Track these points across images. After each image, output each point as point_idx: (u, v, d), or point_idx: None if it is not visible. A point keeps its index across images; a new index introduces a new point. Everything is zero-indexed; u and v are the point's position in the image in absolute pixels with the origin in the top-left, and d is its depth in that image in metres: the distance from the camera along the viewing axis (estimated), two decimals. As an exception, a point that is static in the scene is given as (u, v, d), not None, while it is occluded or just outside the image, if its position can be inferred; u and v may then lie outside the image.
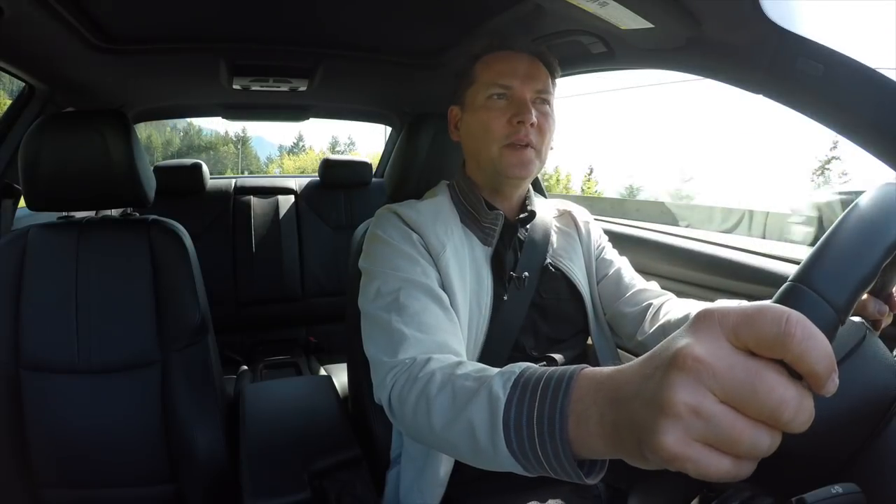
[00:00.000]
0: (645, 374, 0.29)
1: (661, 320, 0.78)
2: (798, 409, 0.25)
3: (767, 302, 0.27)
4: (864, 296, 0.48)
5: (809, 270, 0.31)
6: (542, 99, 0.75)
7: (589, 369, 0.36)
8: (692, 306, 0.77)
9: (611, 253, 0.91)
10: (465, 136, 0.80)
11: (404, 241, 0.72)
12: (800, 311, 0.27)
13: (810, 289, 0.30)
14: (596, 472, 0.37)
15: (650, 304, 0.82)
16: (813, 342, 0.25)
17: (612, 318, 0.87)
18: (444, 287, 0.70)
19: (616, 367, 0.33)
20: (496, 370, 0.45)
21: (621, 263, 0.90)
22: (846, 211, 0.34)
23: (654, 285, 0.87)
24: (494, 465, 0.43)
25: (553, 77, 0.78)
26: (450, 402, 0.48)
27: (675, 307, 0.79)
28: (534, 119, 0.71)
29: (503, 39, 0.78)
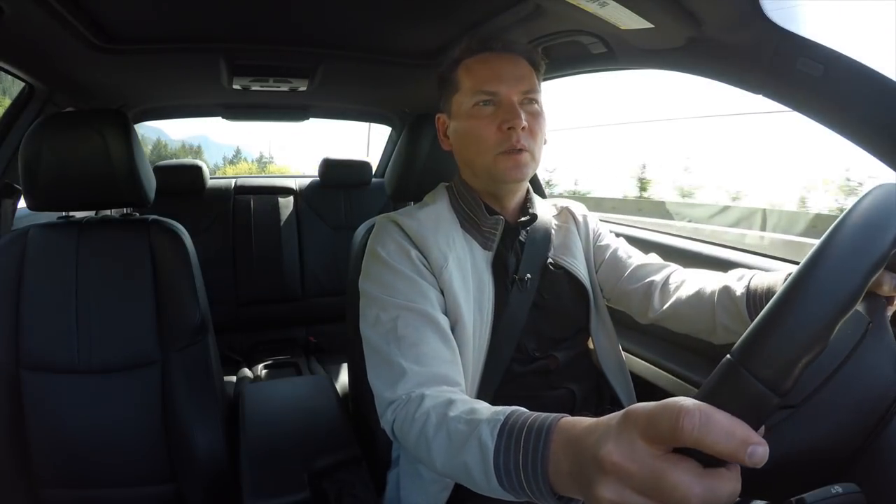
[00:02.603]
0: (586, 459, 0.34)
1: (671, 298, 0.78)
2: (710, 497, 0.28)
3: (672, 398, 0.29)
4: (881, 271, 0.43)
5: (744, 348, 0.30)
6: (530, 99, 0.73)
7: (563, 423, 0.40)
8: (699, 281, 0.75)
9: (608, 238, 0.90)
10: (457, 145, 0.78)
11: (403, 261, 0.71)
12: (731, 390, 0.29)
13: (744, 367, 0.29)
14: (576, 501, 0.41)
15: (652, 281, 0.81)
16: (706, 429, 0.28)
17: (618, 299, 0.86)
18: (446, 301, 0.71)
19: (582, 428, 0.37)
20: (484, 413, 0.50)
21: (618, 244, 0.89)
22: (793, 275, 0.32)
23: (653, 257, 0.86)
24: (490, 493, 0.48)
25: (538, 72, 0.77)
26: (446, 444, 0.52)
27: (682, 282, 0.78)
28: (524, 123, 0.70)
29: (482, 41, 0.76)
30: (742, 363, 0.29)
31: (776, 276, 0.67)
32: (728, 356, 0.30)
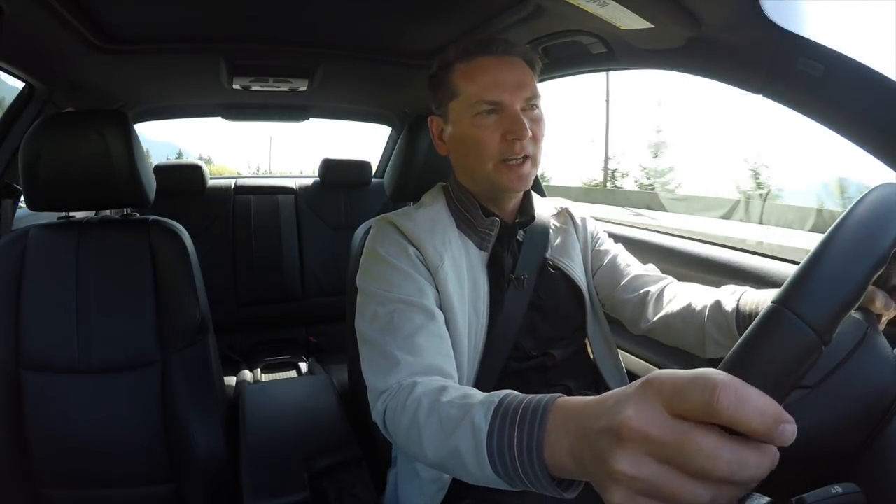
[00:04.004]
0: (599, 429, 0.32)
1: (664, 310, 0.78)
2: (736, 466, 0.26)
3: (701, 370, 0.28)
4: (871, 288, 0.47)
5: (790, 292, 0.31)
6: (533, 106, 0.73)
7: (562, 400, 0.39)
8: (692, 295, 0.76)
9: (607, 243, 0.90)
10: (455, 151, 0.78)
11: (401, 258, 0.72)
12: (780, 334, 0.28)
13: (791, 311, 0.29)
14: (574, 488, 0.39)
15: (648, 291, 0.81)
16: (742, 406, 0.26)
17: (613, 307, 0.86)
18: (441, 300, 0.71)
19: (586, 402, 0.36)
20: (478, 397, 0.48)
21: (618, 251, 0.89)
22: (832, 227, 0.34)
23: (651, 268, 0.86)
24: (483, 483, 0.46)
25: (535, 73, 0.76)
26: (437, 429, 0.50)
27: (676, 295, 0.78)
28: (529, 133, 0.70)
29: (479, 44, 0.74)
30: (787, 306, 0.29)
31: (767, 294, 0.67)
32: (771, 303, 0.31)
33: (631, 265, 0.87)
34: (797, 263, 0.32)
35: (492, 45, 0.73)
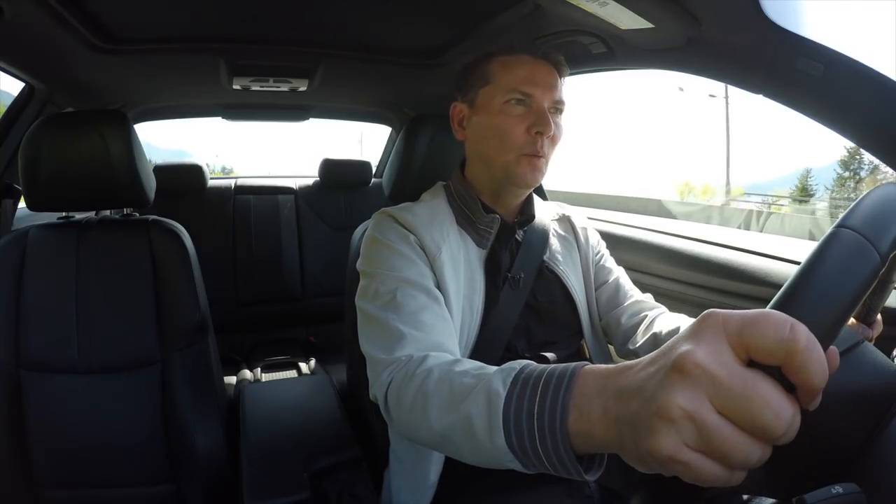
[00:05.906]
0: (648, 373, 0.30)
1: (654, 330, 0.79)
2: (790, 425, 0.26)
3: (768, 309, 0.28)
4: (851, 320, 0.52)
5: (854, 215, 0.32)
6: (558, 110, 0.75)
7: (591, 365, 0.36)
8: (683, 320, 0.78)
9: (610, 262, 0.92)
10: (476, 138, 0.78)
11: (401, 242, 0.72)
12: (845, 252, 0.30)
13: (856, 231, 0.31)
14: (595, 469, 0.37)
15: (645, 316, 0.83)
16: (815, 353, 0.25)
17: (606, 326, 0.88)
18: (439, 287, 0.71)
19: (622, 363, 0.33)
20: (495, 367, 0.46)
21: (619, 273, 0.91)
22: None
23: (648, 297, 0.88)
24: (492, 461, 0.43)
25: (562, 83, 0.78)
26: (447, 397, 0.48)
27: (666, 320, 0.80)
28: (553, 130, 0.72)
29: (523, 44, 0.77)
30: (854, 228, 0.31)
31: None
32: (834, 227, 0.32)
33: (632, 290, 0.89)
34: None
35: (534, 47, 0.76)
